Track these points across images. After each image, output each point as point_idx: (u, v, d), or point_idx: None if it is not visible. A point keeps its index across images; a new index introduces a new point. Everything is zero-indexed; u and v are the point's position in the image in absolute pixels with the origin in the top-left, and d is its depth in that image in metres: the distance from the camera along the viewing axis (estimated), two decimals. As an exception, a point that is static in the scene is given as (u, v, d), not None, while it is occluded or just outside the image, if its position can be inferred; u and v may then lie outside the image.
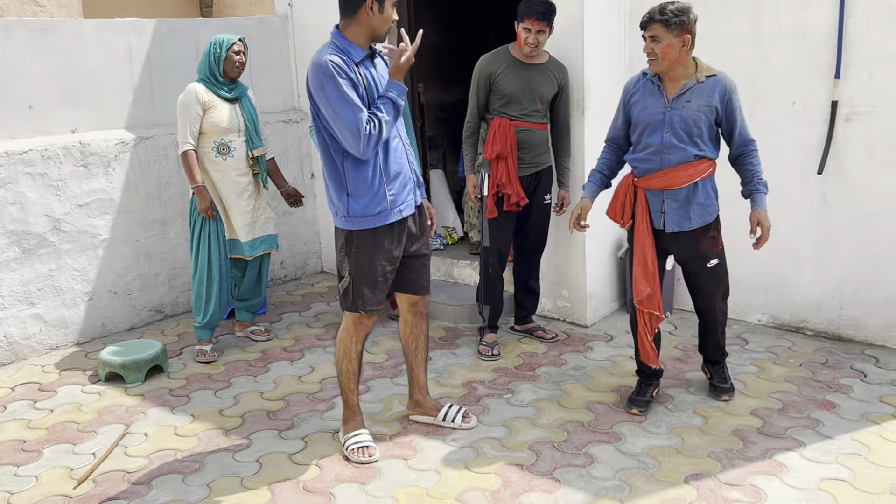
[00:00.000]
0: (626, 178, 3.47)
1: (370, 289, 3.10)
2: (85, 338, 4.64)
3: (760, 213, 3.29)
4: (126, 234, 4.75)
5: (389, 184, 3.02)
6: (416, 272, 3.29)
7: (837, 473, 2.94)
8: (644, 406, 3.55)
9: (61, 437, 3.47)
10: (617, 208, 3.47)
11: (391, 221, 3.05)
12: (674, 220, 3.35)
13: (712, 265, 3.45)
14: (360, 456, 3.16)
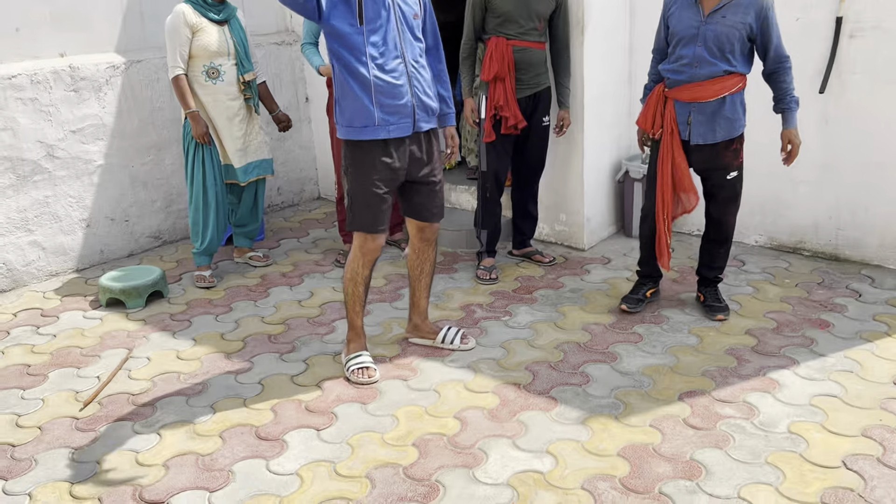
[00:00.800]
0: (657, 88, 3.53)
1: (366, 208, 3.11)
2: (84, 264, 4.66)
3: (791, 132, 3.35)
4: (121, 160, 4.71)
5: (378, 101, 2.96)
6: (424, 198, 3.26)
7: (829, 390, 3.00)
8: (635, 304, 3.72)
9: (65, 361, 3.52)
10: (648, 116, 3.55)
11: (376, 138, 3.01)
12: (699, 133, 3.42)
13: (732, 177, 3.52)
14: (360, 377, 3.22)
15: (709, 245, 3.71)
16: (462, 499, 2.46)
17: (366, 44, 2.92)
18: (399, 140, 3.07)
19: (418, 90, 3.05)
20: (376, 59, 2.94)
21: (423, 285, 3.48)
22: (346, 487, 2.55)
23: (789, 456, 2.60)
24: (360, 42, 2.92)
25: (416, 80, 3.04)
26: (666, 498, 2.42)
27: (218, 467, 2.68)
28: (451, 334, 3.50)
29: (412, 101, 3.03)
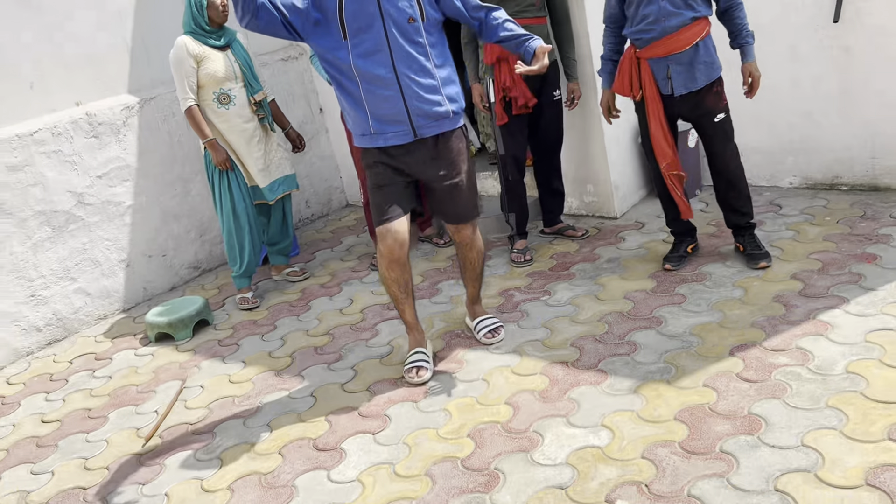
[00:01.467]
0: (627, 53, 3.55)
1: (374, 209, 3.14)
2: (129, 304, 4.76)
3: (751, 65, 3.46)
4: (149, 198, 4.79)
5: (371, 112, 2.95)
6: (444, 201, 3.21)
7: (884, 323, 2.92)
8: (677, 261, 3.74)
9: (123, 400, 3.61)
10: (625, 82, 3.57)
11: (374, 146, 3.03)
12: (681, 83, 3.46)
13: (719, 119, 3.53)
14: (409, 376, 3.23)
15: (724, 196, 3.66)
16: (523, 483, 2.46)
17: (351, 57, 2.88)
18: (401, 147, 3.03)
19: (413, 98, 2.93)
20: (363, 72, 2.89)
21: (467, 277, 3.47)
22: (407, 487, 2.57)
23: (850, 396, 2.54)
24: (346, 56, 2.88)
25: (409, 90, 2.92)
26: (728, 456, 2.38)
27: (281, 484, 2.73)
28: (481, 325, 3.48)
29: (407, 110, 2.95)
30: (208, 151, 4.12)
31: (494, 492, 2.46)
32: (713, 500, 2.21)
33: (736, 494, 2.22)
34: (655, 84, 3.49)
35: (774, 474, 2.26)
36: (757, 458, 2.35)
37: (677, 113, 3.58)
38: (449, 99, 3.02)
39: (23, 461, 3.23)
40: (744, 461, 2.34)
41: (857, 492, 2.13)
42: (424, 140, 3.05)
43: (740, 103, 3.85)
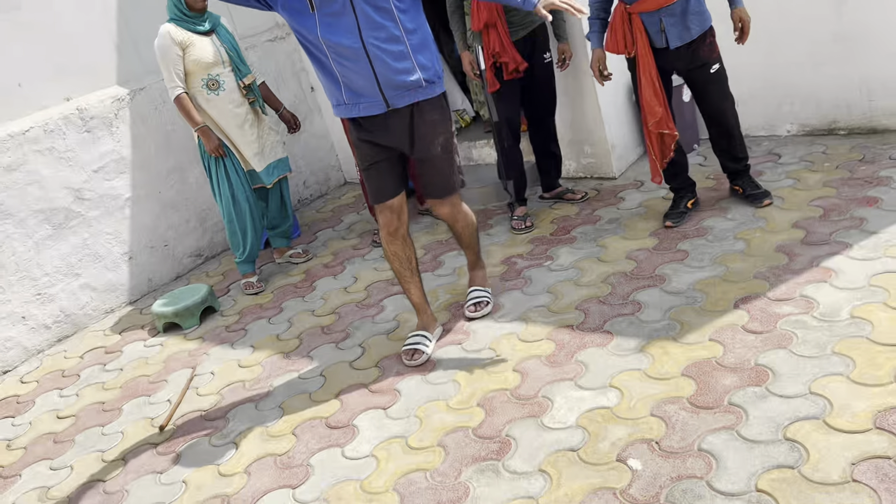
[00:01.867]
0: (618, 9, 3.54)
1: (367, 182, 3.15)
2: (135, 296, 4.78)
3: (741, 10, 3.44)
4: (147, 189, 4.79)
5: (343, 82, 2.92)
6: (424, 175, 3.19)
7: (887, 266, 2.91)
8: (678, 217, 3.74)
9: (136, 391, 3.63)
10: (618, 39, 3.56)
11: (350, 117, 3.01)
12: (675, 35, 3.45)
13: (715, 70, 3.54)
14: (405, 358, 3.22)
15: (719, 144, 3.71)
16: (534, 448, 2.48)
17: (319, 28, 2.82)
18: (375, 118, 2.98)
19: (383, 67, 2.85)
20: (331, 44, 2.83)
21: (461, 246, 3.48)
22: (421, 459, 2.59)
23: (856, 341, 2.54)
24: (314, 27, 2.83)
25: (378, 59, 2.84)
26: (737, 408, 2.40)
27: (296, 464, 2.75)
28: (468, 297, 3.48)
29: (377, 80, 2.88)
30: (201, 139, 4.11)
31: (507, 458, 2.48)
32: (723, 453, 2.23)
33: (746, 446, 2.23)
34: (647, 39, 3.48)
35: (783, 423, 2.27)
36: (765, 408, 2.36)
37: (671, 68, 3.57)
38: (421, 67, 2.91)
39: (42, 458, 3.27)
40: (752, 412, 2.35)
41: (867, 435, 2.14)
42: (398, 111, 2.97)
43: (735, 53, 3.80)
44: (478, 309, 3.43)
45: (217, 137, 4.11)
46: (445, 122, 3.09)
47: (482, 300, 3.45)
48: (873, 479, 1.99)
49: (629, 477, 2.24)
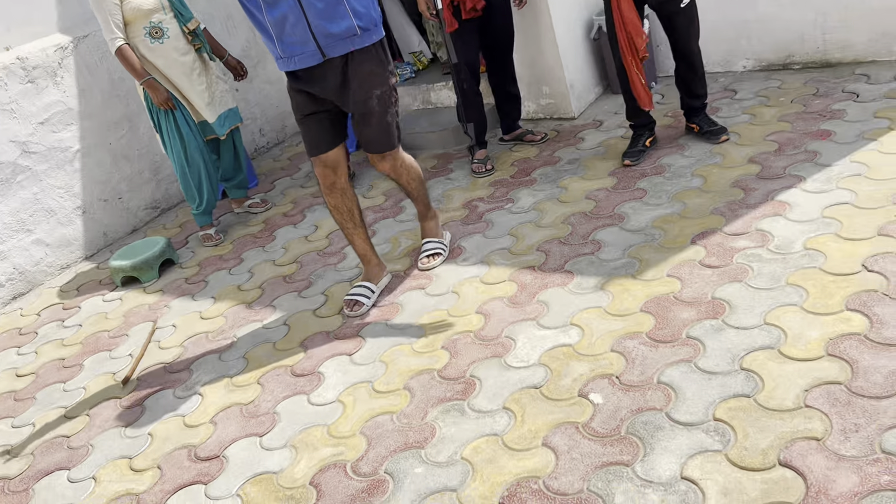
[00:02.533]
0: None
1: (302, 132, 3.11)
2: (91, 250, 4.68)
3: None
4: (96, 140, 4.65)
5: (276, 36, 2.84)
6: (361, 129, 3.09)
7: (840, 198, 2.97)
8: (636, 156, 3.75)
9: (96, 346, 3.59)
10: None
11: (288, 70, 2.93)
12: None
13: (685, 4, 3.51)
14: (345, 309, 3.21)
15: (683, 78, 3.71)
16: (498, 387, 2.51)
17: None
18: (311, 69, 2.90)
19: (315, 15, 2.77)
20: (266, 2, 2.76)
21: (411, 198, 3.43)
22: (387, 402, 2.61)
23: (809, 272, 2.60)
24: None
25: (311, 7, 2.75)
26: (694, 341, 2.45)
27: (262, 412, 2.76)
28: (422, 249, 3.46)
29: (310, 29, 2.80)
30: (147, 92, 3.96)
31: (472, 398, 2.51)
32: (682, 385, 2.28)
33: (703, 377, 2.28)
34: None
35: (739, 354, 2.33)
36: (722, 340, 2.41)
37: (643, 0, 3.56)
38: (354, 13, 2.82)
39: (2, 416, 3.23)
40: (710, 345, 2.41)
41: (819, 363, 2.20)
42: (333, 61, 2.89)
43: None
44: (431, 261, 3.41)
45: (165, 89, 3.97)
46: (384, 74, 2.98)
47: (435, 251, 3.43)
48: (825, 403, 2.06)
49: (591, 411, 2.29)
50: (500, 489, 2.11)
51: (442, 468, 2.25)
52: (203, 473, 2.53)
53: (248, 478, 2.44)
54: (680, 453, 2.04)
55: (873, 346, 2.20)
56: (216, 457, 2.59)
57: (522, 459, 2.19)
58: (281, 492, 2.34)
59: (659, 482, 1.98)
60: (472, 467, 2.22)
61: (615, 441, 2.15)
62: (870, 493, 1.78)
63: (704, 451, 2.03)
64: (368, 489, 2.25)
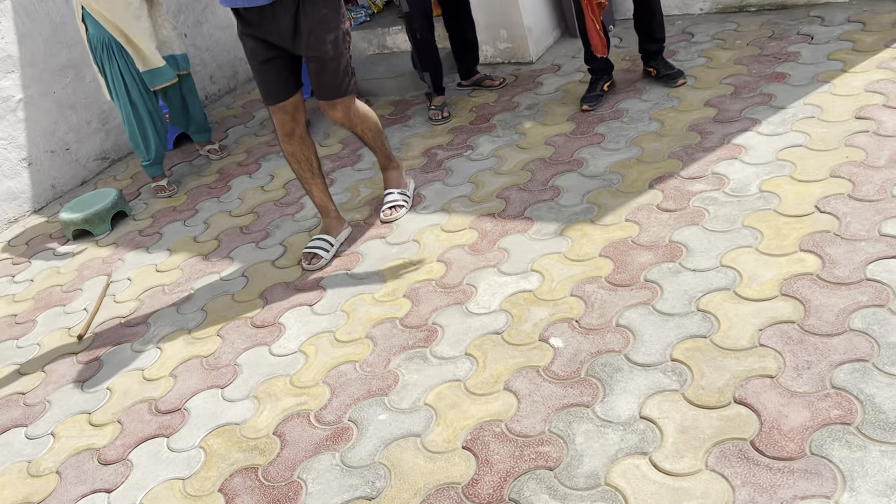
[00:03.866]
0: None
1: (257, 80, 3.01)
2: (40, 203, 4.55)
3: None
4: (40, 89, 4.47)
5: None
6: (313, 76, 3.00)
7: (794, 140, 3.00)
8: (594, 101, 3.73)
9: (49, 301, 3.51)
10: None
11: (234, 6, 2.81)
12: None
13: None
14: (303, 262, 3.16)
15: (641, 21, 3.69)
16: (460, 333, 2.53)
17: None
18: (261, 11, 2.80)
19: None
20: None
21: (369, 148, 3.36)
22: (349, 351, 2.61)
23: (764, 214, 2.64)
24: None
25: None
26: (652, 284, 2.48)
27: (223, 364, 2.74)
28: (384, 200, 3.39)
29: None
30: (92, 36, 3.80)
31: (434, 345, 2.52)
32: (639, 327, 2.32)
33: (661, 318, 2.32)
34: None
35: (696, 296, 2.37)
36: (679, 282, 2.45)
37: None
38: None
39: (-46, 375, 3.16)
40: (667, 287, 2.44)
41: (773, 302, 2.25)
42: (283, 3, 2.78)
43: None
44: (394, 212, 3.34)
45: None
46: (337, 18, 2.89)
47: (397, 203, 3.36)
48: (779, 342, 2.11)
49: (551, 355, 2.32)
50: (464, 433, 2.13)
51: (405, 414, 2.27)
52: (165, 426, 2.51)
53: (211, 429, 2.43)
54: (638, 393, 2.08)
55: (825, 286, 2.25)
56: (177, 410, 2.57)
57: (485, 404, 2.21)
58: (244, 442, 2.34)
59: (618, 422, 2.02)
60: (435, 413, 2.24)
61: (575, 383, 2.19)
62: (820, 427, 1.84)
63: (662, 390, 2.07)
64: (333, 437, 2.26)
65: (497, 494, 1.92)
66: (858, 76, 3.30)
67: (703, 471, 1.82)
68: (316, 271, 3.13)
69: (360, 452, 2.18)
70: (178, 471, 2.31)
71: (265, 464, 2.24)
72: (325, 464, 2.17)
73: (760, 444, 1.84)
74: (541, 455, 1.99)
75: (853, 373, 1.95)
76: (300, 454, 2.23)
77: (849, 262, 2.31)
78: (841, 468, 1.73)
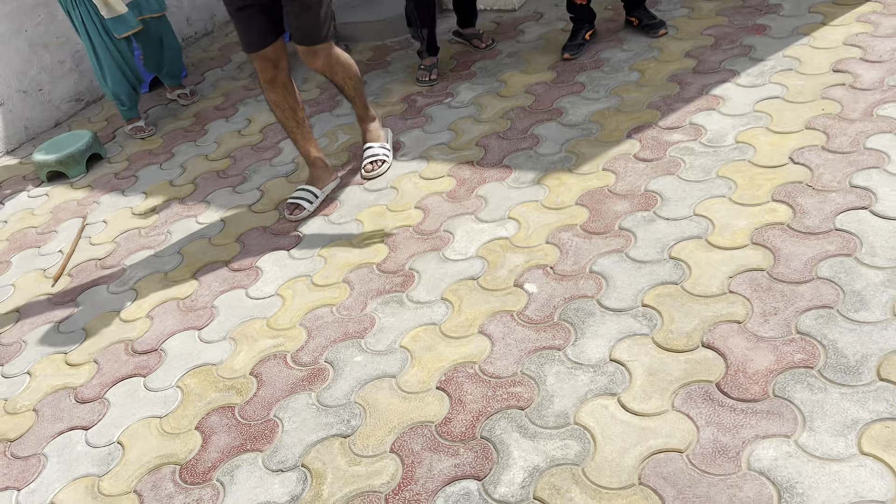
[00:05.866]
0: None
1: (237, 28, 2.92)
2: (12, 145, 4.47)
3: None
4: (10, 26, 4.36)
5: None
6: (292, 19, 2.92)
7: (771, 92, 3.02)
8: (575, 49, 3.73)
9: (23, 243, 3.48)
10: None
11: None
12: None
13: None
14: (286, 212, 3.12)
15: None
16: (436, 279, 2.55)
17: None
18: None
19: None
20: None
21: (347, 98, 3.26)
22: (326, 295, 2.63)
23: (739, 165, 2.67)
24: None
25: None
26: (626, 232, 2.51)
27: (200, 306, 2.75)
28: (365, 155, 3.31)
29: None
30: None
31: (410, 289, 2.54)
32: (612, 273, 2.35)
33: (633, 266, 2.36)
34: None
35: (669, 244, 2.40)
36: (653, 231, 2.48)
37: None
38: None
39: (-72, 315, 3.14)
40: (641, 235, 2.47)
41: (744, 251, 2.29)
42: None
43: None
44: (375, 168, 3.27)
45: None
46: None
47: (378, 157, 3.29)
48: (748, 289, 2.16)
49: (525, 300, 2.35)
50: (438, 374, 2.17)
51: (381, 356, 2.30)
52: (141, 366, 2.53)
53: (188, 370, 2.45)
54: (609, 337, 2.13)
55: (795, 235, 2.29)
56: (154, 350, 2.59)
57: (459, 346, 2.25)
58: (221, 382, 2.37)
59: (588, 364, 2.07)
60: (410, 355, 2.27)
61: (548, 327, 2.22)
62: (784, 370, 1.89)
63: (632, 334, 2.12)
64: (309, 377, 2.29)
65: (469, 432, 1.97)
66: (838, 29, 3.31)
67: (670, 411, 1.88)
68: (297, 222, 3.12)
69: (335, 392, 2.21)
70: (155, 409, 2.33)
71: (242, 403, 2.27)
72: (301, 403, 2.21)
73: (725, 387, 1.90)
74: (512, 395, 2.04)
75: (818, 318, 2.00)
76: (276, 394, 2.26)
77: (819, 212, 2.35)
78: (802, 409, 1.79)
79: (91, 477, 2.16)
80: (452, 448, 1.94)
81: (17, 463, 2.28)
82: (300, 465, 2.02)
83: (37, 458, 2.28)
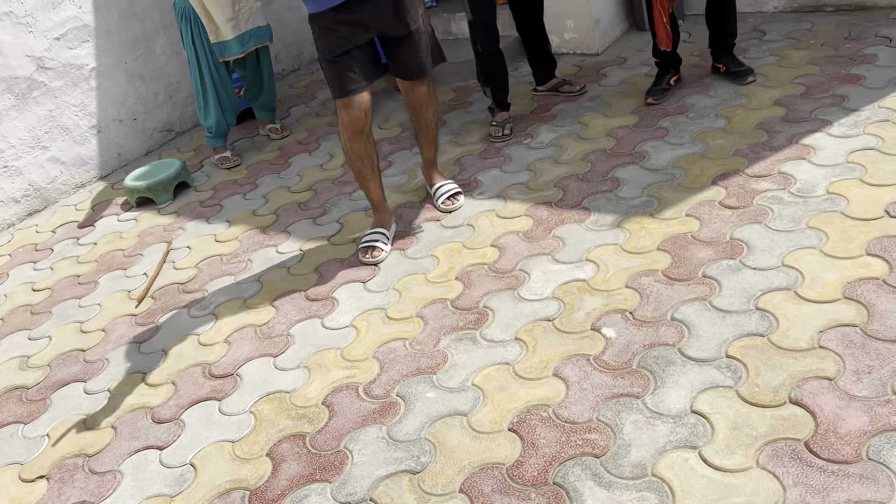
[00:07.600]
0: None
1: (334, 73, 2.89)
2: (106, 170, 4.68)
3: None
4: (112, 59, 4.60)
5: None
6: (401, 55, 2.99)
7: (866, 143, 2.91)
8: (659, 94, 3.68)
9: (111, 265, 3.61)
10: None
11: (327, 7, 2.77)
12: None
13: None
14: (364, 256, 3.09)
15: (713, 16, 3.62)
16: (511, 318, 2.52)
17: None
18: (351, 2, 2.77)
19: None
20: None
21: (423, 140, 3.32)
22: (400, 329, 2.63)
23: (830, 216, 2.57)
24: None
25: None
26: (710, 280, 2.44)
27: (276, 334, 2.79)
28: (440, 192, 3.33)
29: None
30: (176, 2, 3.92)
31: (484, 327, 2.52)
32: (695, 322, 2.28)
33: (718, 315, 2.28)
34: None
35: (755, 294, 2.32)
36: (738, 280, 2.40)
37: None
38: None
39: (19, 328, 3.27)
40: (725, 284, 2.40)
41: (835, 305, 2.20)
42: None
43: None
44: (454, 202, 3.28)
45: None
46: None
47: (456, 192, 3.31)
48: (839, 345, 2.06)
49: (603, 344, 2.30)
50: (510, 415, 2.13)
51: (453, 393, 2.28)
52: (217, 390, 2.57)
53: (262, 396, 2.48)
54: (691, 388, 2.06)
55: (891, 291, 2.19)
56: (230, 375, 2.63)
57: (533, 388, 2.21)
58: (294, 410, 2.38)
59: (668, 414, 2.00)
60: (482, 394, 2.24)
61: (626, 374, 2.17)
62: (879, 433, 1.79)
63: (715, 386, 2.04)
64: (380, 410, 2.28)
65: (541, 477, 1.92)
66: (938, 81, 3.19)
67: (754, 468, 1.79)
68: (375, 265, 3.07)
69: (406, 427, 2.20)
70: (228, 433, 2.36)
71: (313, 432, 2.27)
72: (372, 436, 2.20)
73: (815, 446, 1.80)
74: (587, 442, 1.98)
75: (917, 380, 1.90)
76: (347, 425, 2.26)
77: (918, 268, 2.24)
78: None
79: (164, 497, 2.18)
80: (524, 492, 1.90)
81: (94, 478, 2.33)
82: (369, 498, 2.00)
83: (112, 474, 2.32)
